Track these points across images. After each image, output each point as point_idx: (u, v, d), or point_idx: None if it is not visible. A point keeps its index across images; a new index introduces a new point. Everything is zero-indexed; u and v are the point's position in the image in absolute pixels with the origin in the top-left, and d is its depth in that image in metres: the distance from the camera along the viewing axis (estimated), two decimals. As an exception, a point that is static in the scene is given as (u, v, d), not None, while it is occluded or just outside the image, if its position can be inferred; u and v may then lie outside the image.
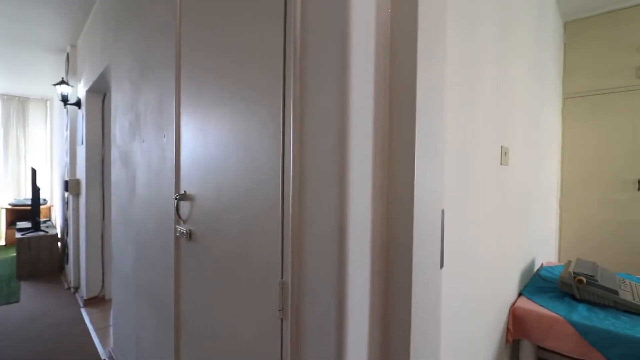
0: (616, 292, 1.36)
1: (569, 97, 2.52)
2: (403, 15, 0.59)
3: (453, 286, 0.89)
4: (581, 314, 1.31)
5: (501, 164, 1.22)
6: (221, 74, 0.85)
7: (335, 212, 0.55)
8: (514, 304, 1.43)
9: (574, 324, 1.25)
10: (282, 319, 0.65)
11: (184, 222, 1.03)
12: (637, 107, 2.26)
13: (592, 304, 1.40)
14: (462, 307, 0.96)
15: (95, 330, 2.37)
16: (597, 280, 1.40)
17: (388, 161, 0.60)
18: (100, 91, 2.74)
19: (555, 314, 1.30)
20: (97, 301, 2.85)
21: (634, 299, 1.35)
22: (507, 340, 1.38)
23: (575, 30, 2.50)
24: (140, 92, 1.42)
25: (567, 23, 2.53)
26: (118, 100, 1.79)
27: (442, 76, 0.65)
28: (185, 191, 1.02)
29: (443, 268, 0.81)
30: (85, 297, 2.85)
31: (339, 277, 0.54)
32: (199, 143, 0.94)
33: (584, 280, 1.40)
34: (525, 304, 1.40)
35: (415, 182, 0.57)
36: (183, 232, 1.01)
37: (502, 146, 1.22)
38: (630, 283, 1.54)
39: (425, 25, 0.59)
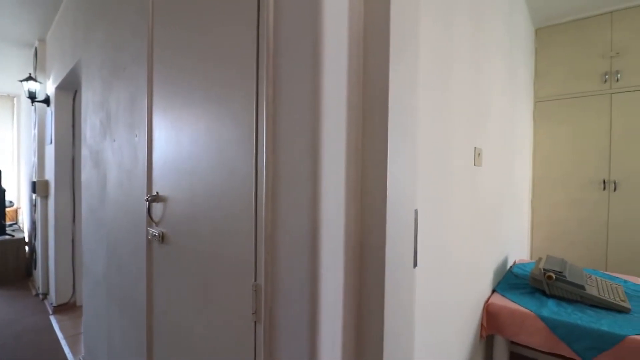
0: (583, 287, 1.42)
1: (540, 100, 2.63)
2: (375, 16, 0.59)
3: (428, 284, 0.91)
4: (550, 308, 1.37)
5: (475, 165, 1.25)
6: (194, 73, 0.83)
7: (308, 213, 0.54)
8: (487, 300, 1.47)
9: (543, 318, 1.30)
10: (255, 322, 0.64)
11: (156, 224, 0.99)
12: (602, 110, 2.38)
13: (560, 299, 1.46)
14: (437, 305, 0.98)
15: (66, 338, 2.26)
16: (565, 276, 1.46)
17: (362, 162, 0.61)
18: (70, 88, 2.62)
19: (526, 310, 1.35)
20: (68, 308, 2.73)
21: (599, 294, 1.42)
22: (481, 335, 1.42)
23: (546, 37, 2.61)
24: (112, 90, 1.37)
25: (538, 29, 2.64)
26: (89, 97, 1.72)
27: (414, 77, 0.66)
28: (157, 192, 0.99)
29: (417, 267, 0.83)
30: (54, 304, 2.71)
31: (312, 278, 0.54)
32: (171, 143, 0.91)
33: (553, 276, 1.46)
34: (499, 300, 1.45)
35: (387, 183, 0.58)
36: (155, 235, 0.97)
37: (475, 147, 1.25)
38: (596, 278, 1.62)
39: (398, 27, 0.60)
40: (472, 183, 1.26)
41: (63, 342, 2.21)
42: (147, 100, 1.05)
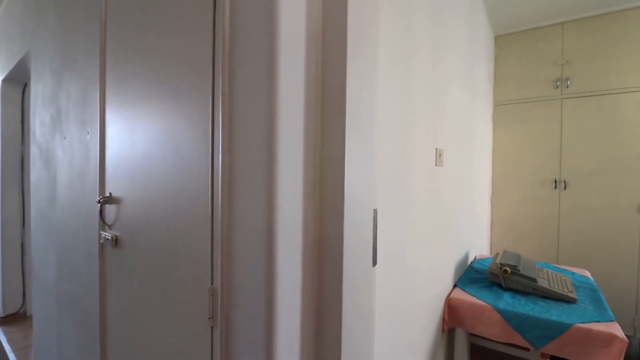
0: (535, 280, 1.52)
1: (498, 104, 2.78)
2: (334, 14, 0.59)
3: (390, 282, 0.93)
4: (506, 301, 1.44)
5: (436, 165, 1.30)
6: (149, 68, 0.79)
7: (264, 213, 0.53)
8: (449, 295, 1.53)
9: (499, 310, 1.37)
10: (212, 327, 0.62)
11: (109, 227, 0.94)
12: (554, 115, 2.56)
13: (515, 291, 1.55)
14: (400, 302, 1.00)
15: (14, 351, 2.09)
16: (519, 270, 1.55)
17: (320, 161, 0.60)
18: (19, 81, 2.43)
19: (484, 303, 1.42)
20: (17, 318, 2.52)
21: (549, 286, 1.52)
22: (443, 329, 1.47)
23: (505, 44, 2.76)
24: (62, 84, 1.28)
25: (498, 36, 2.78)
26: (38, 91, 1.59)
27: (373, 77, 0.67)
28: (110, 193, 0.93)
29: (379, 266, 0.84)
30: (2, 314, 2.50)
31: (268, 280, 0.53)
32: (125, 141, 0.87)
33: (509, 270, 1.54)
34: (459, 294, 1.51)
35: (345, 183, 0.58)
36: (108, 239, 0.92)
37: (437, 148, 1.30)
38: (547, 271, 1.73)
39: (356, 28, 0.60)
40: (433, 183, 1.31)
41: (11, 356, 2.04)
42: (99, 95, 0.99)
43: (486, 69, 2.51)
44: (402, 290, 1.02)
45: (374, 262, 0.71)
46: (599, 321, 1.26)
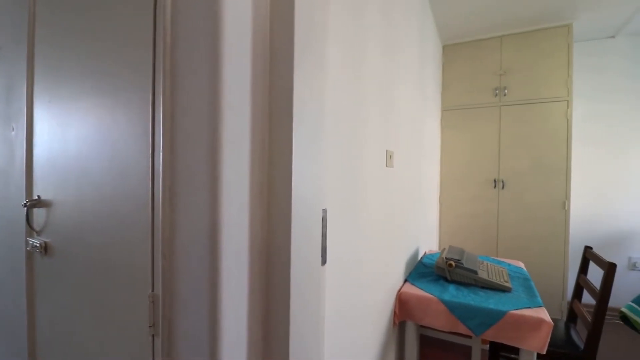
0: (476, 272, 1.64)
1: (446, 109, 2.97)
2: (281, 13, 0.59)
3: (342, 280, 0.95)
4: (451, 293, 1.55)
5: (387, 166, 1.36)
6: (84, 61, 0.73)
7: (207, 216, 0.52)
8: (400, 289, 1.60)
9: (444, 302, 1.47)
10: (153, 336, 0.59)
11: (38, 233, 0.85)
12: (493, 120, 2.79)
13: (459, 283, 1.66)
14: (351, 298, 1.03)
15: None
16: (462, 264, 1.67)
17: (268, 162, 0.60)
18: None
19: (431, 295, 1.51)
20: None
21: (488, 277, 1.65)
22: (394, 322, 1.54)
23: (451, 53, 2.95)
24: (-19, 73, 1.13)
25: (445, 46, 2.97)
26: (-49, 81, 1.39)
27: (322, 79, 0.68)
28: (39, 196, 0.84)
29: (332, 265, 0.86)
30: None
31: (212, 284, 0.52)
32: (56, 139, 0.79)
33: (453, 264, 1.65)
34: (409, 288, 1.59)
35: (293, 183, 0.58)
36: (37, 246, 0.83)
37: (387, 150, 1.35)
38: (487, 264, 1.88)
39: (304, 29, 0.61)
40: (384, 183, 1.36)
41: None
42: (27, 88, 0.89)
43: (435, 75, 2.67)
44: (354, 287, 1.05)
45: (324, 261, 0.72)
46: (529, 307, 1.40)
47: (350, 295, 1.02)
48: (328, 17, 0.75)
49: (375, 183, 1.25)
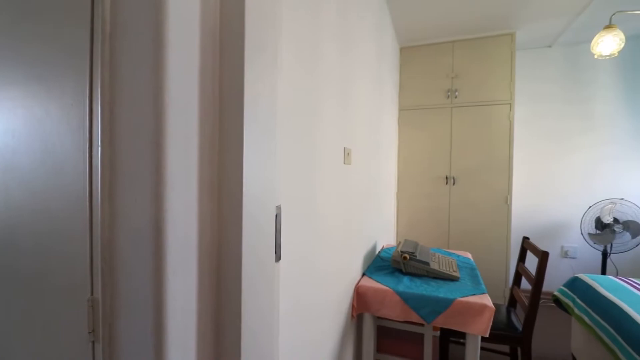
0: (428, 264, 1.74)
1: (403, 109, 3.10)
2: (231, 7, 0.58)
3: (298, 276, 0.96)
4: (405, 284, 1.62)
5: (344, 163, 1.39)
6: (12, 44, 0.66)
7: (151, 214, 0.50)
8: (358, 283, 1.65)
9: (399, 293, 1.54)
10: (93, 342, 0.56)
11: (-45, 236, 0.76)
12: (446, 120, 2.96)
13: (413, 275, 1.75)
14: (308, 294, 1.04)
15: None
16: (416, 256, 1.76)
17: (218, 158, 0.59)
18: None
19: (387, 287, 1.57)
20: None
21: (439, 268, 1.76)
22: (352, 315, 1.58)
23: (408, 55, 3.08)
24: None
25: (402, 48, 3.09)
26: None
27: (274, 73, 0.68)
28: (-44, 195, 0.75)
29: (283, 261, 0.86)
30: None
31: (157, 285, 0.50)
32: (-23, 131, 0.71)
33: (407, 256, 1.74)
34: (367, 282, 1.64)
35: (244, 179, 0.58)
36: (-47, 251, 0.74)
37: (345, 147, 1.38)
38: (438, 255, 1.99)
39: (255, 21, 0.60)
40: (343, 179, 1.39)
41: None
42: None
43: (393, 75, 2.77)
44: (311, 283, 1.07)
45: (278, 258, 0.72)
46: (474, 294, 1.51)
47: (307, 291, 1.03)
48: (281, 10, 0.74)
49: (334, 180, 1.27)
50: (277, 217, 0.71)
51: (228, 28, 0.59)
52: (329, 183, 1.22)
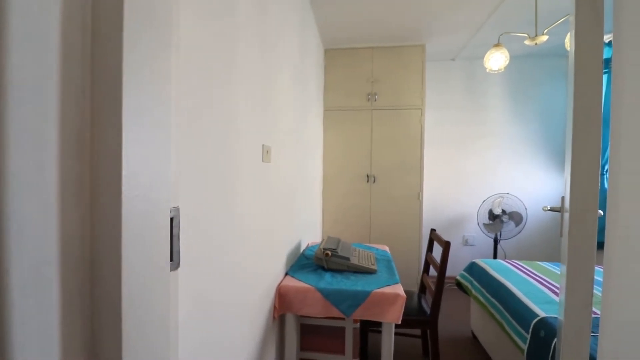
0: (349, 259, 1.80)
1: (328, 109, 3.18)
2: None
3: (208, 282, 0.89)
4: (327, 280, 1.65)
5: (263, 161, 1.34)
6: None
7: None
8: (280, 283, 1.62)
9: (320, 290, 1.56)
10: None
11: None
12: (366, 122, 3.12)
13: (335, 271, 1.79)
14: (221, 300, 0.98)
15: None
16: (338, 252, 1.80)
17: (90, 158, 0.50)
18: None
19: (308, 285, 1.58)
20: None
21: (359, 262, 1.83)
22: (274, 317, 1.55)
23: (332, 57, 3.16)
24: None
25: (327, 50, 3.16)
26: None
27: (166, 60, 0.61)
28: None
29: (187, 268, 0.79)
30: None
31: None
32: None
33: (330, 253, 1.77)
34: (289, 281, 1.63)
35: (124, 180, 0.50)
36: None
37: (263, 145, 1.34)
38: (359, 250, 2.08)
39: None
40: (262, 178, 1.35)
41: None
42: None
43: (318, 76, 2.81)
44: (225, 287, 1.00)
45: (175, 266, 0.65)
46: (389, 285, 1.61)
47: (219, 296, 0.97)
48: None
49: (252, 178, 1.22)
50: (174, 220, 0.64)
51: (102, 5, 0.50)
52: (247, 182, 1.17)
